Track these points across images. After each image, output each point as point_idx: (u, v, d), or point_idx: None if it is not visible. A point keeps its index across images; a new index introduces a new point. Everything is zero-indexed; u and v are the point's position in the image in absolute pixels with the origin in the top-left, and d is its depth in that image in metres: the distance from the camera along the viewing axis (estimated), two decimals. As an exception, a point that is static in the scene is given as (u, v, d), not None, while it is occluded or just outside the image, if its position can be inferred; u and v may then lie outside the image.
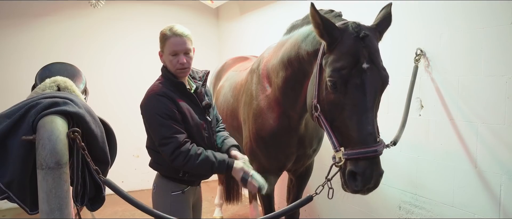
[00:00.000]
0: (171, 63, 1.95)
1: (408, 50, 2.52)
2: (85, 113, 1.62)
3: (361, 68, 1.54)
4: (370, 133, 1.51)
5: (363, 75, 1.54)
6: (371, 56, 1.58)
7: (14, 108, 1.56)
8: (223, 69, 3.44)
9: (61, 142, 1.42)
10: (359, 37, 1.58)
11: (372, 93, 1.56)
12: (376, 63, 1.59)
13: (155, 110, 1.89)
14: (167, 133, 1.86)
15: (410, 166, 2.61)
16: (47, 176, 1.37)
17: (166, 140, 1.86)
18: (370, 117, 1.54)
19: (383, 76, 1.61)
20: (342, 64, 1.56)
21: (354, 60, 1.55)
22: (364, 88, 1.54)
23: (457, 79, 2.26)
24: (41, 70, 2.19)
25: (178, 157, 1.85)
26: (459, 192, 2.28)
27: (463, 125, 2.24)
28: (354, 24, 1.63)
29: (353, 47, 1.57)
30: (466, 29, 2.20)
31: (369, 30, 1.64)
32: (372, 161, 1.52)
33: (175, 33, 1.93)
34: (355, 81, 1.54)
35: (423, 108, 2.50)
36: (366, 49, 1.58)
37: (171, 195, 2.04)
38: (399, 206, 2.71)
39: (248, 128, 2.40)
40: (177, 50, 1.92)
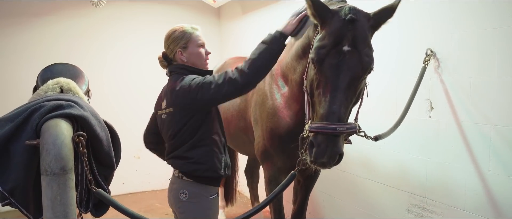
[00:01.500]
0: (199, 56, 1.99)
1: (418, 50, 2.47)
2: (90, 116, 1.57)
3: (341, 50, 1.60)
4: (333, 111, 1.58)
5: (340, 57, 1.60)
6: (355, 41, 1.60)
7: (16, 111, 1.50)
8: (223, 69, 3.39)
9: (66, 146, 1.36)
10: (346, 20, 1.60)
11: (347, 76, 1.60)
12: (358, 48, 1.61)
13: (196, 80, 1.82)
14: (220, 80, 1.77)
15: (419, 169, 2.56)
16: (52, 182, 1.31)
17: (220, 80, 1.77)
18: (338, 97, 1.59)
19: (364, 61, 1.62)
20: (323, 43, 1.63)
21: (335, 42, 1.60)
22: (338, 70, 1.60)
23: (468, 80, 2.21)
24: (43, 71, 2.13)
25: (235, 81, 1.75)
26: (471, 196, 2.24)
27: (475, 127, 2.20)
28: (347, 8, 1.65)
29: (338, 29, 1.61)
30: (478, 29, 2.15)
31: (362, 15, 1.66)
32: (329, 137, 1.57)
33: (195, 28, 2.00)
34: (331, 61, 1.61)
35: (433, 110, 2.45)
36: (351, 33, 1.60)
37: (209, 199, 1.95)
38: (408, 209, 2.67)
39: (261, 128, 2.37)
40: (203, 42, 2.00)
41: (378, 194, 2.91)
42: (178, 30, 1.97)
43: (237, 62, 3.29)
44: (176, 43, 1.96)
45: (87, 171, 1.55)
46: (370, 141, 1.99)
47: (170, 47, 1.98)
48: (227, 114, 2.78)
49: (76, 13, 4.84)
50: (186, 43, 1.95)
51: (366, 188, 3.01)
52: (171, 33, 1.99)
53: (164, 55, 2.04)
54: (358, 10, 1.68)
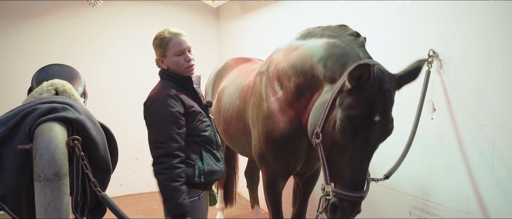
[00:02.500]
0: (178, 64, 1.96)
1: (420, 51, 2.43)
2: (85, 119, 1.52)
3: (373, 120, 1.56)
4: (361, 180, 1.62)
5: (372, 128, 1.57)
6: (385, 110, 1.58)
7: (9, 114, 1.45)
8: (224, 69, 3.34)
9: (60, 151, 1.32)
10: (381, 90, 1.55)
11: (375, 144, 1.62)
12: (387, 117, 1.59)
13: (158, 110, 1.89)
14: (162, 137, 1.85)
15: (422, 171, 2.52)
16: (45, 188, 1.27)
17: (159, 144, 1.86)
18: (366, 165, 1.63)
19: (389, 129, 1.63)
20: (356, 113, 1.55)
21: (369, 113, 1.55)
22: (370, 140, 1.58)
23: (472, 81, 2.18)
24: (38, 72, 2.09)
25: (160, 164, 1.85)
26: (475, 199, 2.20)
27: (479, 129, 2.16)
28: (378, 71, 1.57)
29: (371, 99, 1.55)
30: (482, 29, 2.11)
31: (391, 80, 1.60)
32: (355, 204, 1.64)
33: (174, 34, 1.96)
34: (364, 132, 1.57)
35: (435, 112, 2.41)
36: (383, 103, 1.57)
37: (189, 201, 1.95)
38: (410, 212, 2.63)
39: (258, 130, 2.33)
40: (182, 48, 1.95)
41: (379, 197, 2.87)
42: (158, 37, 2.00)
43: (239, 63, 3.26)
44: (156, 51, 2.01)
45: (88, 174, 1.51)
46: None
47: (155, 53, 2.05)
48: (227, 115, 2.75)
49: (74, 13, 4.79)
50: (163, 52, 1.98)
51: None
52: (153, 40, 2.04)
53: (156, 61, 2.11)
54: (386, 71, 1.60)
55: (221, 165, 2.12)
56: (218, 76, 3.34)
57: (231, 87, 2.83)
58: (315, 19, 3.46)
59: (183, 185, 1.85)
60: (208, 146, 2.04)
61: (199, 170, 1.96)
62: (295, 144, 2.20)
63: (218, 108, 2.92)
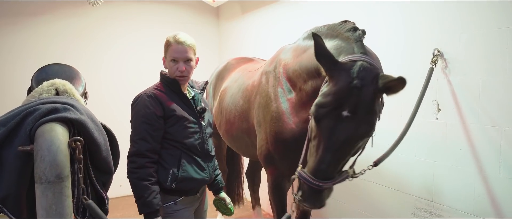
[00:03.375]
0: (171, 69, 2.01)
1: (424, 50, 2.41)
2: (87, 120, 1.49)
3: (340, 114, 1.53)
4: (320, 170, 1.60)
5: (338, 121, 1.54)
6: (356, 107, 1.52)
7: (9, 115, 1.42)
8: (226, 69, 3.30)
9: (62, 153, 1.28)
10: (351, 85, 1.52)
11: (340, 140, 1.55)
12: (358, 115, 1.53)
13: (136, 110, 1.96)
14: (136, 136, 1.93)
15: (426, 172, 2.50)
16: (47, 190, 1.24)
17: (133, 142, 1.94)
18: (328, 158, 1.58)
19: (362, 130, 1.55)
20: (325, 101, 1.57)
21: (337, 104, 1.54)
22: (333, 133, 1.55)
23: (478, 81, 2.15)
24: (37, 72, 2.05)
25: (131, 163, 1.92)
26: (481, 200, 2.17)
27: (485, 129, 2.13)
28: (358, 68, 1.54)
29: (342, 90, 1.53)
30: (488, 28, 2.09)
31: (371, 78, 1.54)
32: (313, 191, 1.63)
33: (177, 41, 1.97)
34: (328, 123, 1.56)
35: (440, 111, 2.39)
36: (355, 98, 1.52)
37: (163, 206, 1.99)
38: (414, 213, 2.60)
39: (265, 131, 2.29)
40: (177, 57, 1.97)
41: (382, 197, 2.84)
42: (166, 38, 2.04)
43: (240, 63, 3.22)
44: (164, 50, 2.05)
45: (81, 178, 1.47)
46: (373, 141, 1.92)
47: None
48: (229, 115, 2.71)
49: (73, 12, 4.74)
50: (165, 52, 2.03)
51: (371, 191, 2.95)
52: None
53: None
54: (369, 69, 1.55)
55: (206, 174, 2.09)
56: (219, 77, 3.30)
57: (234, 88, 2.79)
58: (316, 18, 3.43)
59: (154, 184, 1.90)
60: (190, 153, 2.02)
61: (172, 175, 1.95)
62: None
63: (220, 109, 2.88)
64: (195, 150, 2.03)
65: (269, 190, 2.43)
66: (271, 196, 2.42)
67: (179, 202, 2.01)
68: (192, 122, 2.03)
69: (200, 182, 2.06)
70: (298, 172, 1.68)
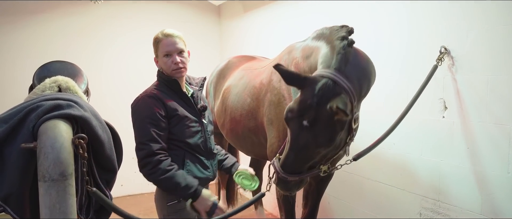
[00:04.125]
0: (166, 65, 1.96)
1: (430, 48, 2.38)
2: (91, 117, 1.46)
3: (301, 123, 1.67)
4: (286, 165, 1.76)
5: (299, 128, 1.68)
6: (314, 121, 1.64)
7: (11, 111, 1.38)
8: (227, 68, 3.25)
9: (66, 150, 1.25)
10: (310, 101, 1.65)
11: (301, 144, 1.69)
12: (315, 128, 1.65)
13: (139, 112, 1.91)
14: (143, 138, 1.87)
15: (432, 171, 2.47)
16: (50, 189, 1.21)
17: (141, 145, 1.87)
18: (291, 156, 1.74)
19: (318, 142, 1.68)
20: (292, 107, 1.72)
21: (300, 114, 1.68)
22: (296, 138, 1.70)
23: (486, 79, 2.12)
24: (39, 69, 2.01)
25: (146, 165, 1.85)
26: (489, 200, 2.15)
27: (494, 127, 2.10)
28: (322, 86, 1.65)
29: (304, 103, 1.67)
30: (496, 25, 2.06)
31: (328, 99, 1.62)
32: (280, 180, 1.80)
33: (165, 34, 1.96)
34: (293, 127, 1.72)
35: (447, 110, 2.36)
36: (313, 113, 1.64)
37: (167, 205, 1.97)
38: (420, 213, 2.57)
39: (277, 129, 2.27)
40: (170, 50, 1.94)
41: (388, 197, 2.81)
42: (153, 38, 2.02)
43: (242, 61, 3.18)
44: (153, 49, 2.03)
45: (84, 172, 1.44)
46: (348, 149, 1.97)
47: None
48: (235, 113, 2.67)
49: (73, 11, 4.71)
50: (156, 51, 2.01)
51: (375, 190, 2.92)
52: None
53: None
54: (330, 89, 1.65)
55: (210, 172, 2.07)
56: (221, 75, 3.24)
57: (239, 86, 2.74)
58: (318, 17, 3.40)
59: (177, 170, 1.86)
60: (194, 152, 2.00)
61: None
62: None
63: (224, 107, 2.84)
64: (198, 149, 2.01)
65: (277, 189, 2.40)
66: (279, 196, 2.39)
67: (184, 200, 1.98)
68: (194, 120, 2.00)
69: (204, 180, 2.04)
70: (273, 160, 1.83)
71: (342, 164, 1.97)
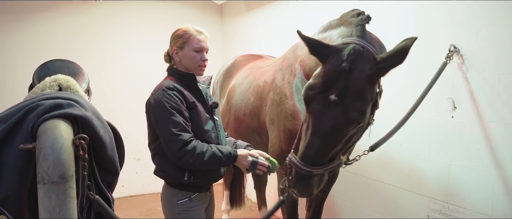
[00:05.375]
0: (192, 60, 1.93)
1: (439, 46, 2.32)
2: (92, 117, 1.40)
3: (328, 98, 1.48)
4: (308, 155, 1.55)
5: (325, 105, 1.49)
6: (345, 92, 1.46)
7: (9, 111, 1.33)
8: (233, 67, 3.21)
9: (66, 151, 1.20)
10: (340, 67, 1.46)
11: (327, 126, 1.50)
12: (345, 101, 1.46)
13: (163, 104, 1.83)
14: (174, 129, 1.79)
15: (441, 172, 2.42)
16: (50, 191, 1.15)
17: (173, 136, 1.79)
18: (316, 143, 1.53)
19: (350, 117, 1.47)
20: (314, 84, 1.53)
21: (324, 87, 1.49)
22: (321, 117, 1.50)
23: (497, 78, 2.07)
24: (40, 68, 1.97)
25: (185, 155, 1.78)
26: (500, 201, 2.09)
27: (504, 128, 2.05)
28: (348, 51, 1.48)
29: (331, 73, 1.49)
30: (508, 23, 2.01)
31: (364, 61, 1.48)
32: (300, 175, 1.59)
33: (198, 31, 1.95)
34: (316, 106, 1.52)
35: (456, 110, 2.30)
36: (343, 82, 1.46)
37: (178, 203, 1.92)
38: (427, 215, 2.52)
39: (278, 128, 2.21)
40: (202, 47, 1.93)
41: (394, 198, 2.76)
42: (181, 29, 1.96)
43: (249, 60, 3.13)
44: (175, 41, 1.95)
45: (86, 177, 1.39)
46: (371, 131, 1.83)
47: (170, 44, 1.99)
48: (239, 112, 2.62)
49: (74, 10, 4.67)
50: (183, 43, 1.94)
51: (382, 192, 2.87)
52: (175, 31, 1.99)
53: (167, 52, 2.04)
54: (360, 52, 1.49)
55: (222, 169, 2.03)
56: (227, 74, 3.20)
57: (244, 85, 2.70)
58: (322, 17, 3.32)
59: (211, 146, 1.84)
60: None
61: (190, 170, 1.88)
62: None
63: (229, 106, 2.79)
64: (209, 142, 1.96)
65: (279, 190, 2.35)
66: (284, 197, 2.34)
67: (194, 198, 1.95)
68: (207, 116, 1.98)
69: (217, 176, 2.01)
70: (289, 157, 1.64)
71: (360, 155, 1.83)
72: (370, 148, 1.87)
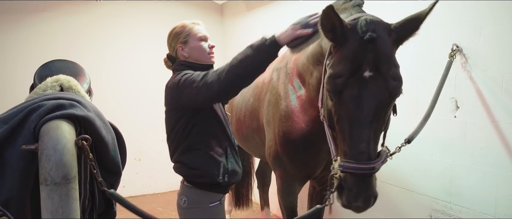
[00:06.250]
0: (200, 49, 1.88)
1: (441, 46, 2.32)
2: (94, 117, 1.40)
3: (362, 77, 1.35)
4: (362, 151, 1.37)
5: (362, 86, 1.35)
6: (377, 63, 1.35)
7: (11, 112, 1.32)
8: None
9: (69, 152, 1.19)
10: (364, 39, 1.35)
11: (372, 107, 1.36)
12: (382, 72, 1.35)
13: (183, 80, 1.70)
14: (198, 76, 1.67)
15: (444, 172, 2.41)
16: (53, 193, 1.14)
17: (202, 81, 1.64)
18: (365, 134, 1.37)
19: (391, 87, 1.37)
20: (339, 70, 1.38)
21: (354, 67, 1.35)
22: (361, 101, 1.36)
23: (500, 77, 2.06)
24: (41, 68, 1.96)
25: (223, 81, 1.59)
26: (503, 202, 2.08)
27: (508, 127, 2.05)
28: (364, 22, 1.39)
29: (356, 50, 1.36)
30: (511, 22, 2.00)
31: (382, 29, 1.41)
32: (361, 179, 1.38)
33: (195, 22, 1.92)
34: (351, 92, 1.36)
35: (458, 109, 2.30)
36: (372, 54, 1.34)
37: (210, 207, 1.81)
38: (430, 215, 2.51)
39: (274, 130, 2.18)
40: (205, 35, 1.90)
41: (397, 198, 2.75)
42: (177, 26, 1.93)
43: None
44: (176, 39, 1.90)
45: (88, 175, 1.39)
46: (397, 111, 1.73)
47: (171, 45, 1.93)
48: (239, 113, 2.62)
49: (74, 10, 4.66)
50: (186, 37, 1.88)
51: (384, 192, 2.85)
52: (171, 31, 1.95)
53: (168, 56, 1.99)
54: (376, 21, 1.42)
55: (241, 167, 1.97)
56: None
57: None
58: (326, 14, 3.34)
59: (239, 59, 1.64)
60: (231, 143, 1.91)
61: (223, 168, 1.81)
62: (317, 147, 2.05)
63: (230, 107, 2.79)
64: (232, 141, 1.93)
65: (278, 193, 2.33)
66: (280, 199, 2.32)
67: (222, 201, 1.90)
68: (221, 110, 1.93)
69: (239, 176, 1.93)
70: (340, 166, 1.41)
71: (399, 146, 1.77)
72: (406, 140, 1.81)
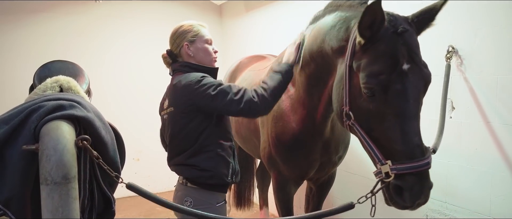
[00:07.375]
0: (206, 51, 1.89)
1: (438, 47, 2.33)
2: (94, 118, 1.42)
3: (402, 70, 1.36)
4: (417, 144, 1.36)
5: (404, 79, 1.36)
6: (411, 54, 1.39)
7: (12, 112, 1.34)
8: (238, 69, 3.21)
9: (69, 152, 1.21)
10: (396, 32, 1.39)
11: (416, 97, 1.39)
12: (417, 62, 1.40)
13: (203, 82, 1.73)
14: (234, 89, 1.74)
15: (439, 172, 2.43)
16: (53, 192, 1.17)
17: (234, 97, 1.71)
18: (416, 126, 1.38)
19: (426, 75, 1.42)
20: (379, 67, 1.37)
21: (393, 62, 1.37)
22: (407, 94, 1.36)
23: (495, 78, 2.09)
24: (40, 69, 1.97)
25: (264, 101, 1.72)
26: (498, 201, 2.11)
27: (502, 128, 2.07)
28: (388, 17, 1.41)
29: (390, 46, 1.38)
30: (507, 23, 2.02)
31: (406, 22, 1.46)
32: (421, 175, 1.37)
33: (202, 25, 1.93)
34: (396, 87, 1.36)
35: (454, 110, 2.32)
36: (405, 47, 1.38)
37: (216, 207, 1.83)
38: (426, 214, 2.54)
39: (267, 132, 2.20)
40: (210, 39, 1.93)
41: (393, 198, 2.77)
42: (186, 24, 1.91)
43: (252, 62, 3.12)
44: (183, 37, 1.88)
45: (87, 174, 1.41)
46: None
47: (176, 42, 1.90)
48: None
49: (73, 10, 4.67)
50: (194, 37, 1.88)
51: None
52: (178, 28, 1.92)
53: (169, 52, 1.96)
54: (397, 15, 1.47)
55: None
56: (231, 78, 3.19)
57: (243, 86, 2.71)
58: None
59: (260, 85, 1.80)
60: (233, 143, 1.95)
61: (232, 169, 1.86)
62: (308, 147, 2.08)
63: None
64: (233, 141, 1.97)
65: (274, 194, 2.36)
66: (276, 200, 2.35)
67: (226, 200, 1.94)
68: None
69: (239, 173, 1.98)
70: (394, 169, 1.36)
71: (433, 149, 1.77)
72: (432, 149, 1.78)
